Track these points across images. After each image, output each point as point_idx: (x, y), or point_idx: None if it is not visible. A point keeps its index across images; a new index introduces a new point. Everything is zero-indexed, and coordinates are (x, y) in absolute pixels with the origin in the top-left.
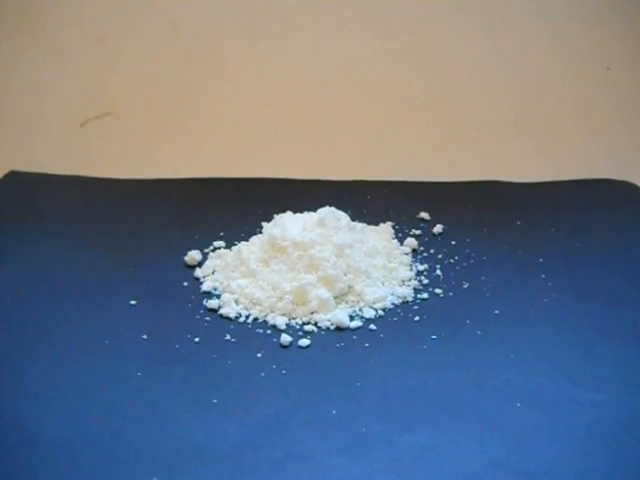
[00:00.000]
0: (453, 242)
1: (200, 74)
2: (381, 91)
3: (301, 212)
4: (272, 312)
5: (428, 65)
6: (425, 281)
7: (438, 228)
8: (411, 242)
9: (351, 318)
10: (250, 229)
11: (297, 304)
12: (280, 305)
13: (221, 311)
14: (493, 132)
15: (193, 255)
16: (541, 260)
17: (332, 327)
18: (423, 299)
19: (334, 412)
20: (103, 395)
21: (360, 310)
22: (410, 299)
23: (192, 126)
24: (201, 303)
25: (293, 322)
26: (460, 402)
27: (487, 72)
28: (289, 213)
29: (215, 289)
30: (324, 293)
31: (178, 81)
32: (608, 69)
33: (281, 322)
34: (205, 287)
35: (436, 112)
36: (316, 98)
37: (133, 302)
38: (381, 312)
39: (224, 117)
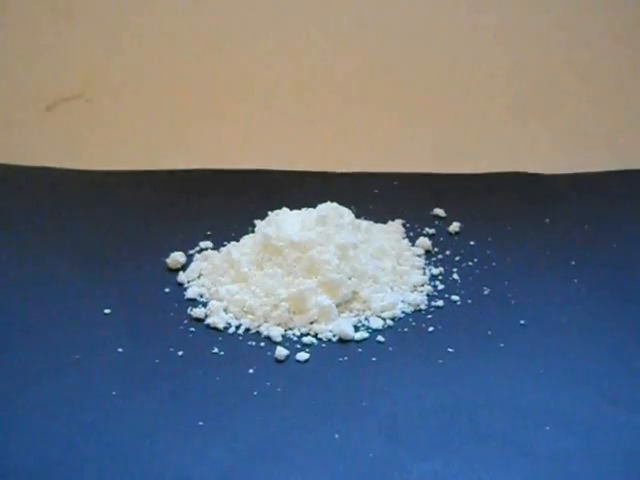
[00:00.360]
0: (472, 242)
1: (184, 50)
2: (390, 72)
3: (299, 208)
4: (266, 322)
5: (442, 45)
6: (440, 286)
7: (455, 226)
8: (424, 242)
9: (356, 329)
10: (241, 227)
11: (294, 313)
12: (275, 314)
13: (208, 321)
14: (517, 117)
15: (176, 257)
16: (573, 262)
17: (334, 339)
18: (438, 307)
19: (337, 436)
20: (73, 417)
21: (366, 319)
22: (423, 307)
23: (175, 110)
24: (185, 312)
25: (290, 333)
26: (481, 425)
27: (509, 50)
28: (285, 209)
29: (201, 296)
30: (325, 300)
31: (159, 58)
32: None
33: (276, 333)
34: (190, 294)
35: (451, 96)
36: (317, 78)
37: (107, 311)
38: (390, 322)
39: (212, 100)
